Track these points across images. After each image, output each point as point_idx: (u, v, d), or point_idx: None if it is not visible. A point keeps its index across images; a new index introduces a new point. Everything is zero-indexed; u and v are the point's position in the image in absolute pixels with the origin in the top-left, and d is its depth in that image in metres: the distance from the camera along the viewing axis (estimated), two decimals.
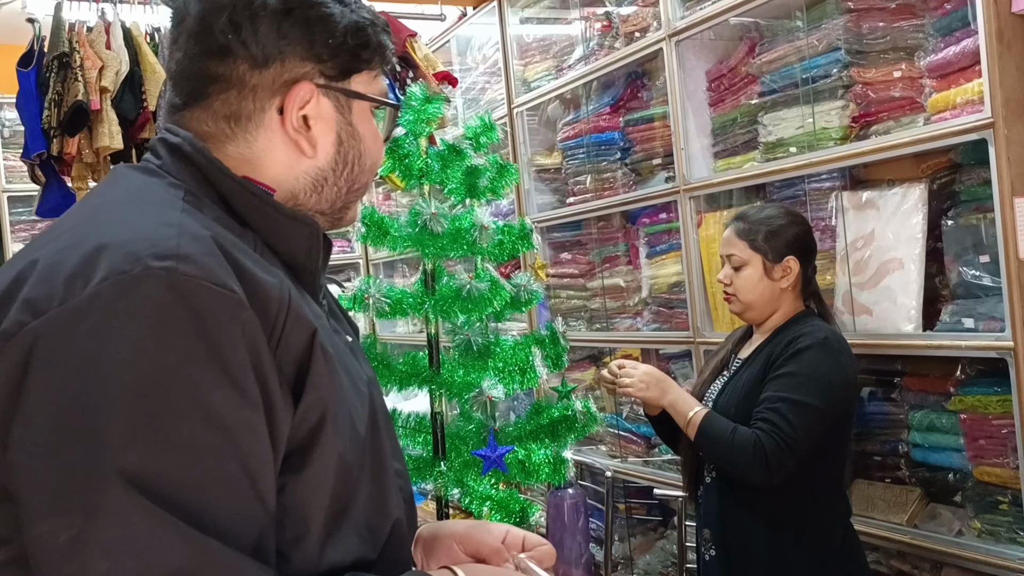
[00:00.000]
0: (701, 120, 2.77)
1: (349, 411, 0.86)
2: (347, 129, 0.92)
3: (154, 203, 0.81)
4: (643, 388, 1.94)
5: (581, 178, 3.27)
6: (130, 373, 0.69)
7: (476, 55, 3.90)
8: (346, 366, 0.89)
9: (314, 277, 0.93)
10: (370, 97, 0.94)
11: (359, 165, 0.94)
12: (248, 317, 0.75)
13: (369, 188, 1.00)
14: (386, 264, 4.93)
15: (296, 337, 0.79)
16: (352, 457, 0.84)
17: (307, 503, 0.80)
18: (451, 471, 1.80)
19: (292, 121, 0.89)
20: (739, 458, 1.84)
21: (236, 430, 0.73)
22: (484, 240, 1.78)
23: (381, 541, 0.88)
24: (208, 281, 0.73)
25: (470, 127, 2.03)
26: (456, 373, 1.82)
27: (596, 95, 3.24)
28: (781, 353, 1.91)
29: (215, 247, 0.76)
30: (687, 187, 2.72)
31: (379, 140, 0.98)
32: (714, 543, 1.99)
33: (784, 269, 1.99)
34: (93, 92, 2.63)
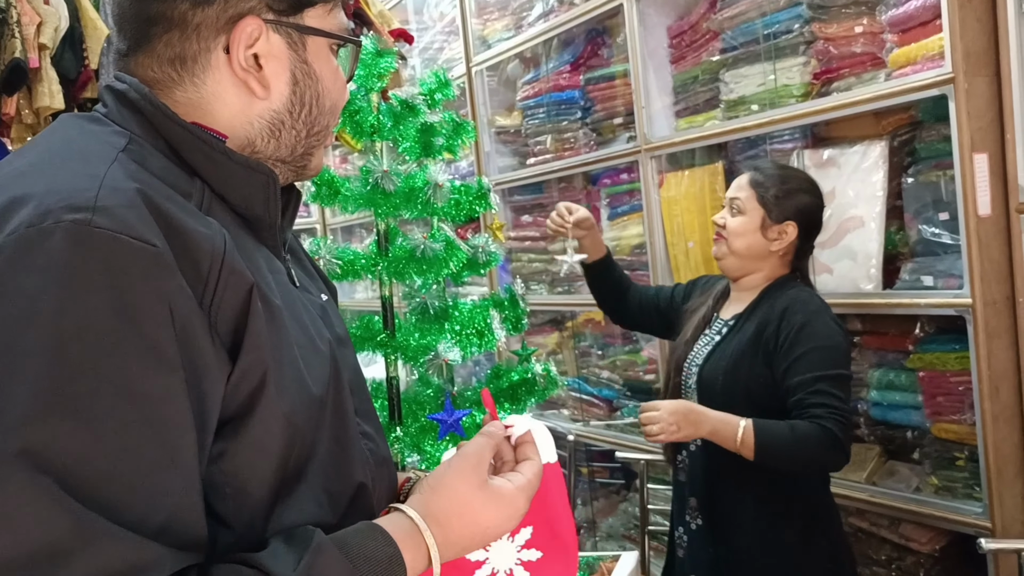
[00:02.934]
0: (662, 78, 2.73)
1: (299, 370, 0.81)
2: (302, 67, 0.86)
3: (84, 154, 0.76)
4: (675, 431, 1.74)
5: (541, 138, 3.22)
6: (29, 333, 0.64)
7: (433, 12, 3.81)
8: (303, 323, 0.85)
9: (273, 231, 0.87)
10: (327, 32, 0.87)
11: (317, 106, 0.88)
12: (168, 273, 0.69)
13: (330, 133, 0.92)
14: (344, 228, 4.85)
15: (232, 293, 0.74)
16: (303, 419, 0.80)
17: (249, 469, 0.76)
18: (407, 436, 1.76)
19: (240, 60, 0.83)
20: (812, 455, 1.75)
21: (149, 396, 0.67)
22: (439, 199, 1.73)
23: (342, 506, 0.84)
24: (124, 234, 0.67)
25: (424, 83, 1.97)
26: (412, 336, 1.77)
27: (556, 53, 3.18)
28: (780, 328, 1.83)
29: (138, 198, 0.71)
30: (648, 146, 2.68)
31: (340, 79, 0.91)
32: (700, 512, 1.95)
33: (781, 232, 1.91)
34: (31, 49, 2.51)
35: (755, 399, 1.83)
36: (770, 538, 1.86)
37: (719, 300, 2.05)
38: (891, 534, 2.22)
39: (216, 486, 0.74)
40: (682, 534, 2.01)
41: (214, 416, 0.73)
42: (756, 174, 1.97)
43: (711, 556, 1.93)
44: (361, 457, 0.89)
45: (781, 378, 1.80)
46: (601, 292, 2.32)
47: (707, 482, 1.92)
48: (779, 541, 1.86)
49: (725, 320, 1.99)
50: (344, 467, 0.86)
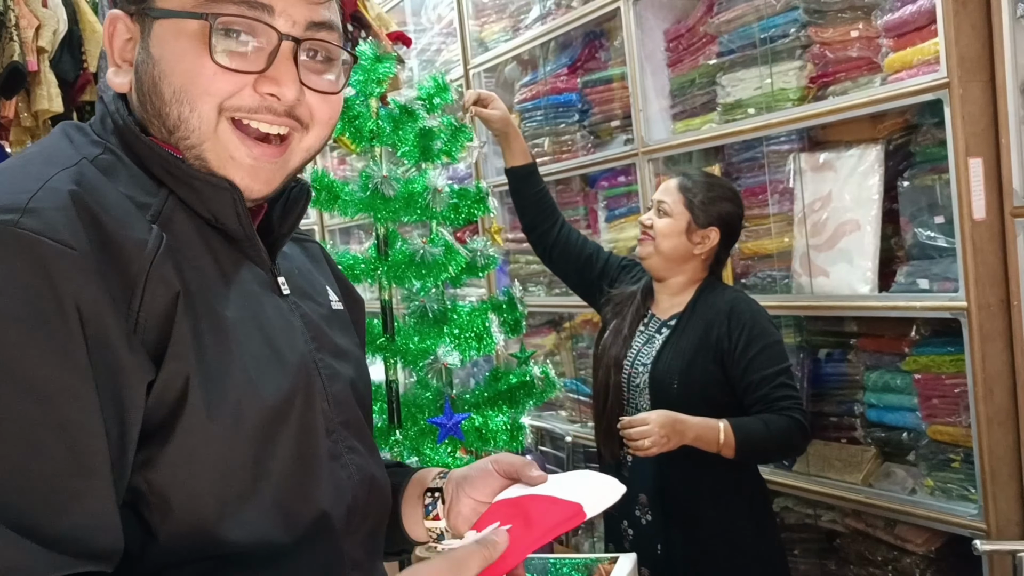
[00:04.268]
0: (660, 81, 2.74)
1: (247, 382, 0.78)
2: (142, 55, 0.81)
3: (45, 160, 0.76)
4: (666, 442, 1.77)
5: (539, 141, 3.23)
6: None
7: (431, 15, 3.82)
8: (265, 334, 0.82)
9: (252, 242, 0.85)
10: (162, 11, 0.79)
11: (157, 95, 0.80)
12: (84, 277, 0.68)
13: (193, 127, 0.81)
14: (342, 231, 4.86)
15: (159, 301, 0.73)
16: (250, 431, 0.77)
17: (175, 479, 0.74)
18: (407, 440, 1.77)
19: (113, 55, 0.83)
20: (786, 444, 1.90)
21: (55, 398, 0.67)
22: (438, 204, 1.73)
23: (300, 528, 0.81)
24: (45, 236, 0.67)
25: (423, 87, 1.97)
26: (411, 340, 1.78)
27: (553, 56, 3.19)
28: (730, 328, 1.92)
29: (69, 201, 0.70)
30: (646, 149, 2.70)
31: (189, 60, 0.79)
32: (651, 507, 1.98)
33: (704, 236, 2.00)
34: (30, 53, 2.52)
35: (709, 397, 1.91)
36: (727, 526, 1.93)
37: (646, 297, 2.11)
38: (887, 535, 2.23)
39: (142, 495, 0.73)
40: (627, 528, 2.04)
41: (135, 422, 0.72)
42: (685, 180, 2.06)
43: (661, 550, 1.97)
44: (332, 478, 0.86)
45: (740, 375, 1.90)
46: (522, 207, 2.31)
47: (658, 478, 1.96)
48: (735, 528, 1.94)
49: (663, 320, 2.05)
50: (306, 487, 0.82)
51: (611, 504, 0.90)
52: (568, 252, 2.28)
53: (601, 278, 2.25)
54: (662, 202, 2.04)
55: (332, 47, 0.84)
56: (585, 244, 2.31)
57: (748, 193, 2.54)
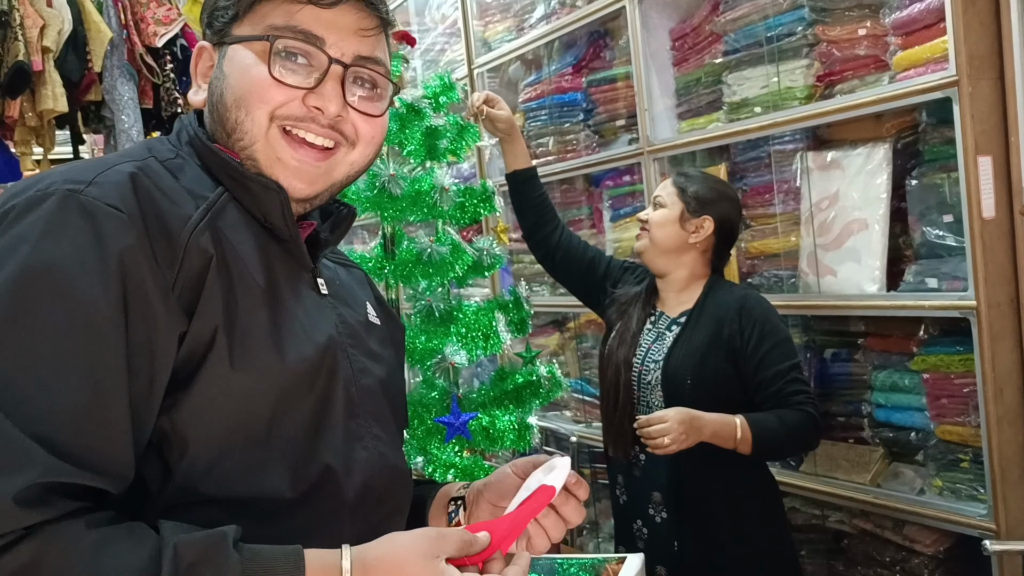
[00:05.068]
0: (665, 80, 2.73)
1: (272, 345, 0.88)
2: (216, 74, 0.96)
3: (120, 156, 0.90)
4: (684, 439, 1.77)
5: (544, 140, 3.22)
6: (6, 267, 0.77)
7: (435, 14, 3.81)
8: (295, 315, 0.92)
9: (295, 242, 0.95)
10: (235, 37, 0.94)
11: (222, 103, 0.94)
12: (129, 235, 0.81)
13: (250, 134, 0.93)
14: None
15: (195, 263, 0.84)
16: (269, 389, 0.86)
17: (196, 422, 0.83)
18: (414, 439, 1.76)
19: (197, 79, 0.98)
20: (801, 439, 1.93)
21: (80, 321, 0.77)
22: (445, 203, 1.73)
23: (306, 483, 0.89)
24: (101, 200, 0.81)
25: (429, 87, 1.97)
26: (418, 339, 1.78)
27: (558, 55, 3.18)
28: (742, 325, 1.93)
29: (127, 179, 0.84)
30: (651, 148, 2.69)
31: (251, 74, 0.92)
32: (665, 505, 1.98)
33: (698, 225, 2.01)
34: (35, 52, 2.51)
35: (721, 393, 1.91)
36: (740, 522, 1.94)
37: (651, 295, 2.12)
38: (895, 536, 2.22)
39: (166, 435, 0.82)
40: (641, 527, 2.03)
41: (164, 367, 0.81)
42: (679, 176, 2.11)
43: (677, 547, 1.96)
44: (347, 451, 0.93)
45: (752, 372, 1.91)
46: (523, 211, 2.30)
47: (673, 475, 1.95)
48: (748, 524, 1.94)
49: (673, 317, 2.05)
50: (316, 450, 0.90)
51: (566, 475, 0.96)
52: (571, 255, 2.28)
53: (604, 280, 2.25)
54: (657, 196, 2.09)
55: (378, 77, 0.96)
56: (586, 248, 2.32)
57: (754, 192, 2.54)
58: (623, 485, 2.09)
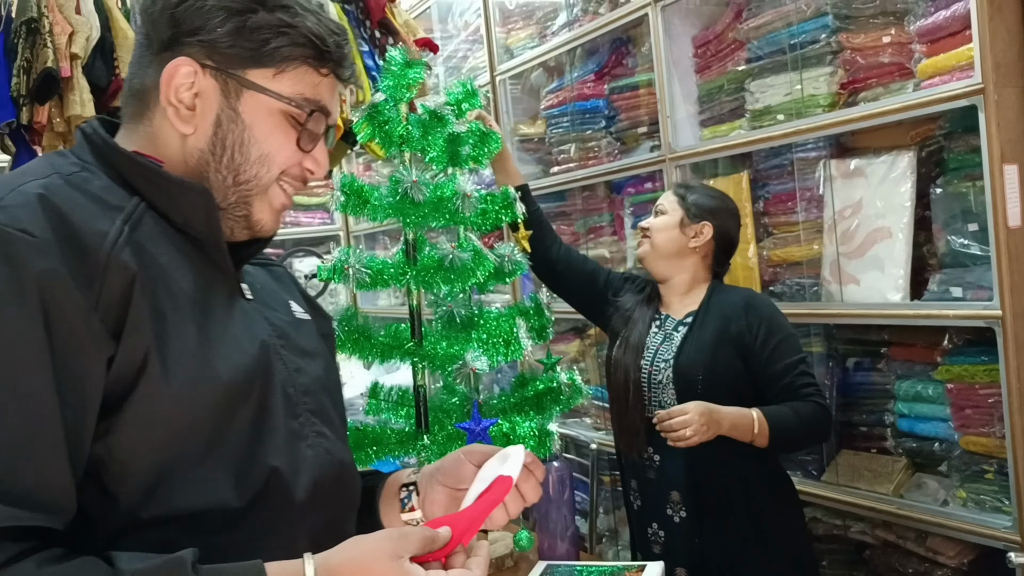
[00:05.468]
0: (687, 87, 2.73)
1: (203, 359, 0.87)
2: (228, 113, 0.93)
3: (21, 173, 0.88)
4: (706, 431, 1.80)
5: (565, 147, 3.23)
6: None
7: (457, 21, 3.83)
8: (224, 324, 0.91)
9: (218, 249, 0.94)
10: (264, 90, 0.93)
11: (241, 153, 0.94)
12: (43, 259, 0.78)
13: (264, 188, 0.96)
14: (367, 236, 4.88)
15: (118, 282, 0.82)
16: (204, 402, 0.86)
17: (134, 444, 0.82)
18: (435, 444, 1.77)
19: (169, 94, 0.92)
20: (815, 430, 1.95)
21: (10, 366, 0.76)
22: (467, 209, 1.73)
23: (253, 490, 0.89)
24: (10, 226, 0.78)
25: (452, 93, 1.98)
26: (439, 345, 1.78)
27: (580, 62, 3.19)
28: (749, 322, 1.98)
29: (35, 200, 0.81)
30: (673, 156, 2.68)
31: (275, 136, 0.95)
32: (684, 504, 1.99)
33: (697, 231, 2.08)
34: (63, 59, 2.55)
35: (732, 389, 1.95)
36: (757, 515, 1.96)
37: (653, 300, 2.17)
38: (918, 547, 2.20)
39: (103, 461, 0.81)
40: (657, 530, 2.04)
41: (95, 393, 0.80)
42: (679, 187, 2.19)
43: (697, 547, 1.97)
44: (293, 451, 0.94)
45: (762, 366, 1.96)
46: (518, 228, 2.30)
47: (691, 472, 1.97)
48: (765, 517, 1.97)
49: (679, 319, 2.09)
50: (258, 454, 0.90)
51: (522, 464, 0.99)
52: (571, 267, 2.33)
53: (605, 290, 2.30)
54: (659, 204, 2.16)
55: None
56: (586, 260, 2.39)
57: (776, 200, 2.53)
58: (637, 489, 2.10)
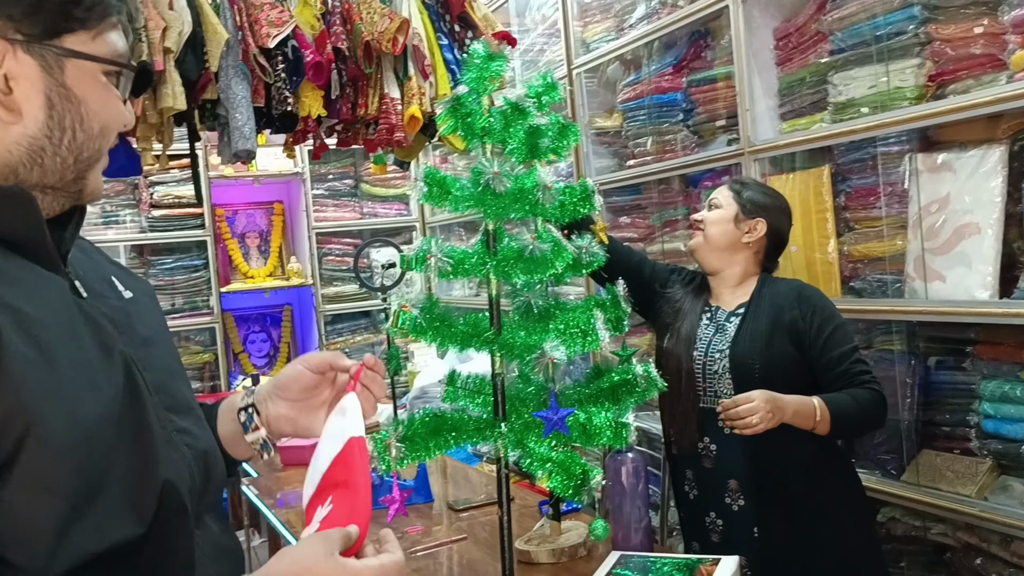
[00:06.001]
0: (767, 80, 2.70)
1: (80, 397, 0.79)
2: (59, 91, 0.84)
3: None
4: (771, 418, 1.83)
5: (642, 140, 3.22)
6: None
7: (535, 15, 3.84)
8: (82, 343, 0.83)
9: (44, 249, 0.85)
10: (89, 56, 0.85)
11: (83, 130, 0.86)
12: None
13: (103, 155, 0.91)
14: (442, 227, 4.93)
15: None
16: (91, 442, 0.79)
17: (30, 509, 0.75)
18: (512, 432, 1.79)
19: None
20: (874, 415, 1.97)
21: None
22: (547, 200, 1.75)
23: (150, 511, 0.84)
24: None
25: (532, 86, 1.99)
26: (517, 335, 1.80)
27: (658, 55, 3.18)
28: (802, 311, 2.00)
29: None
30: (752, 149, 2.66)
31: (110, 102, 0.89)
32: (743, 492, 2.01)
33: (751, 226, 2.11)
34: (156, 53, 2.64)
35: (788, 377, 1.97)
36: (821, 500, 1.97)
37: (702, 292, 2.20)
38: (1002, 551, 2.14)
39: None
40: (715, 519, 2.06)
41: None
42: (734, 183, 2.21)
43: (758, 533, 1.98)
44: (169, 457, 0.89)
45: (818, 354, 1.98)
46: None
47: (749, 460, 1.99)
48: (829, 501, 1.98)
49: (730, 310, 2.12)
50: (146, 473, 0.84)
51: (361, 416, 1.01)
52: (619, 259, 2.32)
53: (652, 281, 2.32)
54: (713, 198, 2.18)
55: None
56: (631, 252, 2.42)
57: (858, 194, 2.48)
58: (692, 479, 2.13)
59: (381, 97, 2.85)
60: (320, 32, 2.75)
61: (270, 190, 5.09)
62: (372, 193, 5.08)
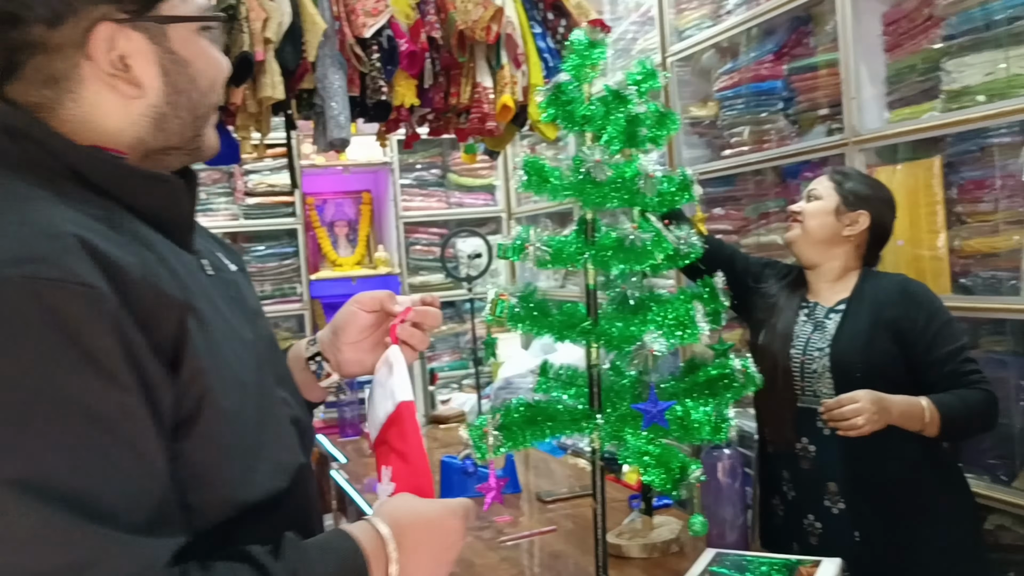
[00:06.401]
0: (873, 67, 2.60)
1: (233, 368, 0.88)
2: (169, 57, 0.90)
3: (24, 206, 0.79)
4: (877, 420, 1.79)
5: (738, 130, 3.14)
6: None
7: (628, 2, 3.79)
8: (224, 317, 0.91)
9: (189, 230, 0.94)
10: (186, 17, 0.90)
11: (195, 89, 0.92)
12: (112, 307, 0.75)
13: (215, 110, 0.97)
14: (529, 218, 4.93)
15: (166, 315, 0.81)
16: (243, 407, 0.88)
17: (205, 461, 0.84)
18: (608, 424, 1.77)
19: (104, 66, 0.86)
20: (984, 417, 1.90)
21: (112, 416, 0.75)
22: (649, 190, 1.72)
23: (291, 467, 0.94)
24: (68, 281, 0.73)
25: (631, 73, 1.96)
26: (614, 326, 1.78)
27: (756, 42, 3.09)
28: (908, 308, 1.93)
29: (75, 243, 0.76)
30: (857, 139, 2.56)
31: (212, 57, 0.94)
32: (842, 495, 1.95)
33: (853, 219, 2.04)
34: (258, 43, 2.69)
35: (890, 376, 1.90)
36: (925, 504, 1.90)
37: (799, 287, 2.12)
38: None
39: (181, 480, 0.81)
40: (814, 521, 2.00)
41: (167, 422, 0.80)
42: (836, 172, 2.13)
43: (859, 538, 1.92)
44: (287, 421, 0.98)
45: (924, 353, 1.91)
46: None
47: (849, 462, 1.92)
48: (934, 506, 1.91)
49: (830, 307, 2.05)
50: (282, 434, 0.96)
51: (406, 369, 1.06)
52: (711, 251, 2.24)
53: (745, 275, 2.26)
54: (812, 189, 2.11)
55: None
56: (723, 244, 2.37)
57: (971, 186, 2.37)
58: (790, 480, 2.07)
59: (473, 86, 2.84)
60: (415, 21, 2.77)
61: (359, 179, 5.16)
62: (459, 183, 5.11)
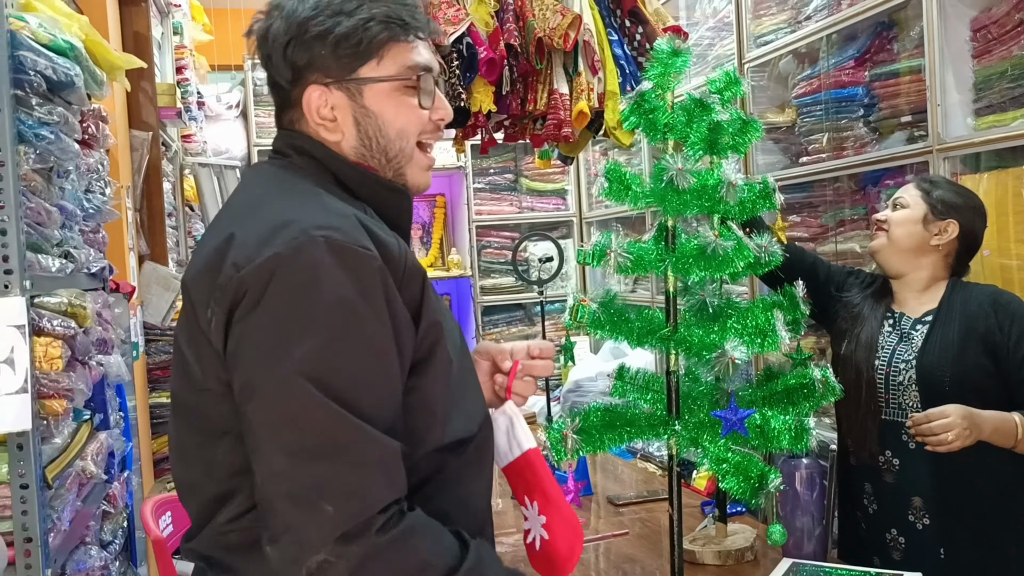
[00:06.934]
0: (960, 74, 2.55)
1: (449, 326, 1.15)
2: (360, 111, 1.15)
3: (301, 191, 1.11)
4: (968, 435, 1.76)
5: (816, 136, 3.11)
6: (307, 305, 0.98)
7: (705, 9, 3.78)
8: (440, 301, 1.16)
9: (407, 230, 1.22)
10: (371, 79, 1.14)
11: (383, 136, 1.16)
12: (381, 268, 1.02)
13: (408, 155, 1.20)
14: (600, 222, 4.94)
15: (413, 281, 1.08)
16: (455, 360, 1.13)
17: (432, 395, 1.09)
18: (686, 430, 1.78)
19: (314, 117, 1.16)
20: None
21: (379, 347, 1.01)
22: (731, 197, 1.72)
23: (478, 419, 1.17)
24: (355, 244, 1.01)
25: (713, 81, 1.97)
26: (693, 333, 1.79)
27: (837, 48, 3.06)
28: (1000, 320, 1.88)
29: (355, 220, 1.05)
30: (942, 146, 2.52)
31: (403, 109, 1.16)
32: (927, 511, 1.91)
33: (941, 228, 2.00)
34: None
35: (980, 390, 1.87)
36: (1014, 527, 1.86)
37: (884, 297, 2.08)
38: None
39: (411, 408, 1.07)
40: (897, 536, 1.96)
41: (408, 362, 1.07)
42: (922, 181, 2.09)
43: (944, 555, 1.88)
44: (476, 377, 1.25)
45: (1017, 366, 1.85)
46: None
47: (935, 477, 1.88)
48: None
49: (916, 318, 2.01)
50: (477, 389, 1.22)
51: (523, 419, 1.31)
52: (792, 260, 2.22)
53: (827, 284, 2.22)
54: (899, 198, 2.08)
55: None
56: (804, 252, 2.32)
57: None
58: (872, 493, 2.04)
59: (550, 92, 2.87)
60: (494, 29, 2.80)
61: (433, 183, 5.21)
62: (531, 187, 5.14)
